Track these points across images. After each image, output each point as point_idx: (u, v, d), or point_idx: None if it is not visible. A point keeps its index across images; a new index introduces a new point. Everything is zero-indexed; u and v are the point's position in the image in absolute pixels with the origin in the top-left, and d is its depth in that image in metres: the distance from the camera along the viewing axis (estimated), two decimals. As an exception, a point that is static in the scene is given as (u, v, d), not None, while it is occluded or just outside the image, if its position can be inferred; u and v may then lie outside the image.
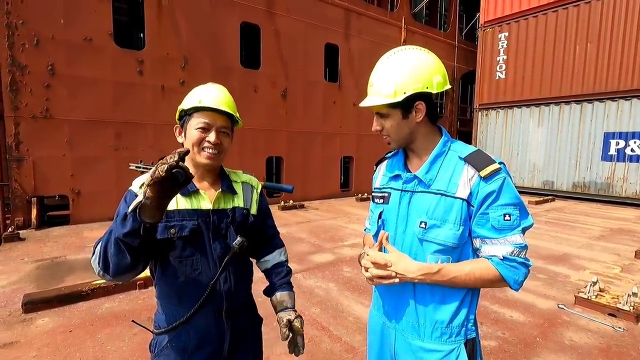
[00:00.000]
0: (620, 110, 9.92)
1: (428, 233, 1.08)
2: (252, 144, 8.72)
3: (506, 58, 12.39)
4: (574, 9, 10.66)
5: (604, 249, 5.52)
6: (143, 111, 7.00)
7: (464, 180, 1.06)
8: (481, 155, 1.08)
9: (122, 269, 1.02)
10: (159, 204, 0.92)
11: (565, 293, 3.75)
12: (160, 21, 7.21)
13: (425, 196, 1.10)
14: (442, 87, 1.08)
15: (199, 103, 1.15)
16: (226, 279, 1.19)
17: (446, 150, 1.12)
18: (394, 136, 1.13)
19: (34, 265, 4.34)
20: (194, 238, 1.16)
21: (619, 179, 10.02)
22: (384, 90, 1.06)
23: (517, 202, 1.04)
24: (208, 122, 1.16)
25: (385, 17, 11.45)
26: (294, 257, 4.77)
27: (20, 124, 5.97)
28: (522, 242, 1.03)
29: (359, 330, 2.95)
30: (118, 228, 0.96)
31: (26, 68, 5.94)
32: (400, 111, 1.08)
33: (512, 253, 1.02)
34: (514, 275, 1.02)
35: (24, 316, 3.06)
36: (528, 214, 1.07)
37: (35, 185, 6.15)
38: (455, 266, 1.06)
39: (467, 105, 17.32)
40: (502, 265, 1.02)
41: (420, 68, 1.05)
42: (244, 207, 1.27)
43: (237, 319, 1.25)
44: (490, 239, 1.04)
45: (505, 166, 1.08)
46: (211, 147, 1.17)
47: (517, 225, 1.03)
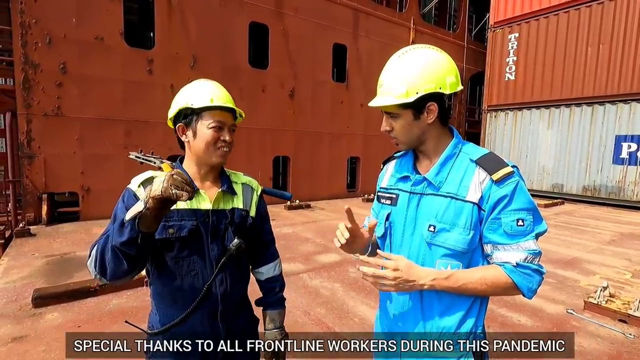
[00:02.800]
0: (633, 112, 9.74)
1: (437, 237, 1.05)
2: (260, 144, 8.74)
3: (516, 59, 12.25)
4: (586, 9, 10.50)
5: (614, 253, 5.43)
6: (152, 110, 7.07)
7: (475, 184, 1.02)
8: (494, 157, 1.04)
9: (119, 274, 1.03)
10: (158, 214, 0.92)
11: (575, 298, 3.70)
12: (170, 21, 7.27)
13: (435, 199, 1.07)
14: (455, 88, 1.05)
15: (210, 102, 1.14)
16: (222, 281, 1.18)
17: (457, 152, 1.09)
18: (403, 137, 1.10)
19: (44, 260, 4.40)
20: (192, 239, 1.14)
21: (630, 182, 9.84)
22: (395, 90, 1.02)
23: (530, 207, 1.00)
24: (222, 120, 1.16)
25: (394, 18, 11.40)
26: (299, 256, 4.78)
27: (32, 122, 6.06)
28: (536, 248, 0.99)
29: (364, 330, 2.94)
30: (116, 236, 0.95)
31: (39, 66, 6.03)
32: (411, 112, 1.04)
33: (525, 260, 0.98)
34: (528, 283, 0.99)
35: (33, 311, 3.11)
36: (542, 219, 1.03)
37: (46, 182, 6.25)
38: (466, 272, 1.03)
39: (475, 106, 17.16)
40: (515, 273, 0.99)
41: (433, 68, 1.02)
42: (243, 208, 1.26)
43: (233, 320, 1.24)
44: (502, 245, 1.00)
45: (519, 169, 1.04)
46: (226, 145, 1.17)
47: (531, 231, 0.99)
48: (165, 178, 0.88)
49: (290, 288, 3.65)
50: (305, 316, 3.16)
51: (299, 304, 3.40)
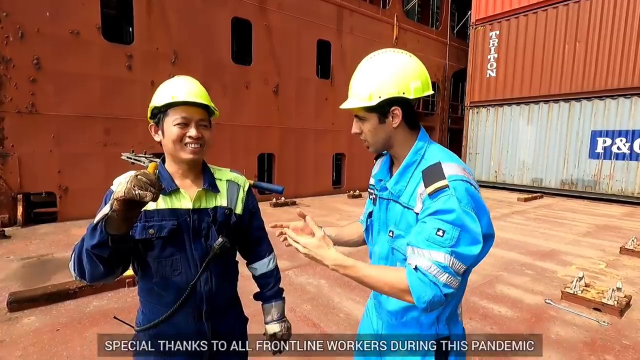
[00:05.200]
0: (607, 108, 10.10)
1: (395, 242, 1.10)
2: (244, 141, 8.66)
3: (497, 56, 12.50)
4: (564, 8, 10.79)
5: (590, 245, 5.63)
6: (132, 107, 6.88)
7: (418, 195, 1.03)
8: (435, 169, 1.01)
9: (98, 277, 1.02)
10: (126, 216, 0.90)
11: (552, 288, 3.82)
12: (150, 15, 7.08)
13: (396, 206, 1.11)
14: (421, 93, 1.05)
15: (172, 99, 1.11)
16: (207, 280, 1.17)
17: (418, 159, 1.08)
18: (370, 140, 1.12)
19: (20, 263, 4.25)
20: (173, 238, 1.13)
21: (605, 176, 10.23)
22: (361, 94, 1.06)
23: (458, 224, 0.93)
24: (185, 116, 1.13)
25: (378, 14, 11.45)
26: (285, 253, 4.76)
27: (5, 119, 5.83)
28: (445, 263, 0.92)
29: (349, 326, 2.96)
30: (87, 239, 0.94)
31: (11, 62, 5.79)
32: (376, 115, 1.07)
33: (428, 269, 0.92)
34: (421, 291, 0.92)
35: (9, 315, 3.00)
36: (473, 242, 0.94)
37: (21, 182, 6.02)
38: (369, 267, 1.03)
39: (458, 102, 17.45)
40: (413, 275, 0.94)
41: (398, 72, 1.03)
42: (227, 206, 1.24)
43: (220, 319, 1.23)
44: (415, 248, 0.97)
45: (465, 185, 0.98)
46: (193, 141, 1.14)
47: (449, 245, 0.93)
48: (129, 179, 0.86)
49: (276, 285, 3.63)
50: (291, 313, 3.16)
51: (285, 301, 3.40)
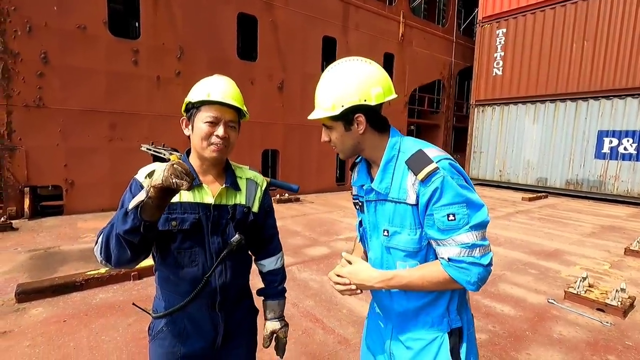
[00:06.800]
0: (615, 108, 10.00)
1: (391, 240, 1.12)
2: (249, 137, 8.67)
3: (503, 54, 12.40)
4: (572, 6, 10.67)
5: (594, 245, 5.61)
6: (138, 102, 6.92)
7: (409, 186, 1.06)
8: (419, 156, 1.05)
9: (124, 262, 1.06)
10: (160, 204, 0.95)
11: (556, 288, 3.81)
12: (156, 10, 7.10)
13: (386, 204, 1.13)
14: (383, 99, 1.07)
15: (207, 97, 1.14)
16: (221, 273, 1.21)
17: (396, 154, 1.11)
18: (339, 147, 1.15)
19: (27, 255, 4.31)
20: (193, 231, 1.18)
21: (611, 176, 10.14)
22: (324, 104, 1.08)
23: (461, 200, 0.99)
24: (216, 115, 1.16)
25: (384, 11, 11.36)
26: (289, 249, 4.79)
27: (13, 113, 5.89)
28: (469, 241, 0.98)
29: (352, 322, 2.98)
30: (119, 224, 0.97)
31: (19, 55, 5.84)
32: (342, 124, 1.09)
33: (459, 254, 0.98)
34: (465, 277, 0.99)
35: (17, 306, 3.05)
36: (479, 208, 1.01)
37: (28, 175, 6.09)
38: (409, 271, 1.07)
39: (463, 101, 17.34)
40: (450, 267, 1.00)
41: (357, 81, 1.05)
42: (245, 204, 1.28)
43: (232, 311, 1.27)
44: (439, 240, 1.03)
45: (451, 161, 1.04)
46: (219, 141, 1.17)
47: (465, 224, 0.98)
48: (166, 168, 0.90)
49: (279, 281, 3.66)
50: (294, 308, 3.18)
51: (288, 296, 3.37)
